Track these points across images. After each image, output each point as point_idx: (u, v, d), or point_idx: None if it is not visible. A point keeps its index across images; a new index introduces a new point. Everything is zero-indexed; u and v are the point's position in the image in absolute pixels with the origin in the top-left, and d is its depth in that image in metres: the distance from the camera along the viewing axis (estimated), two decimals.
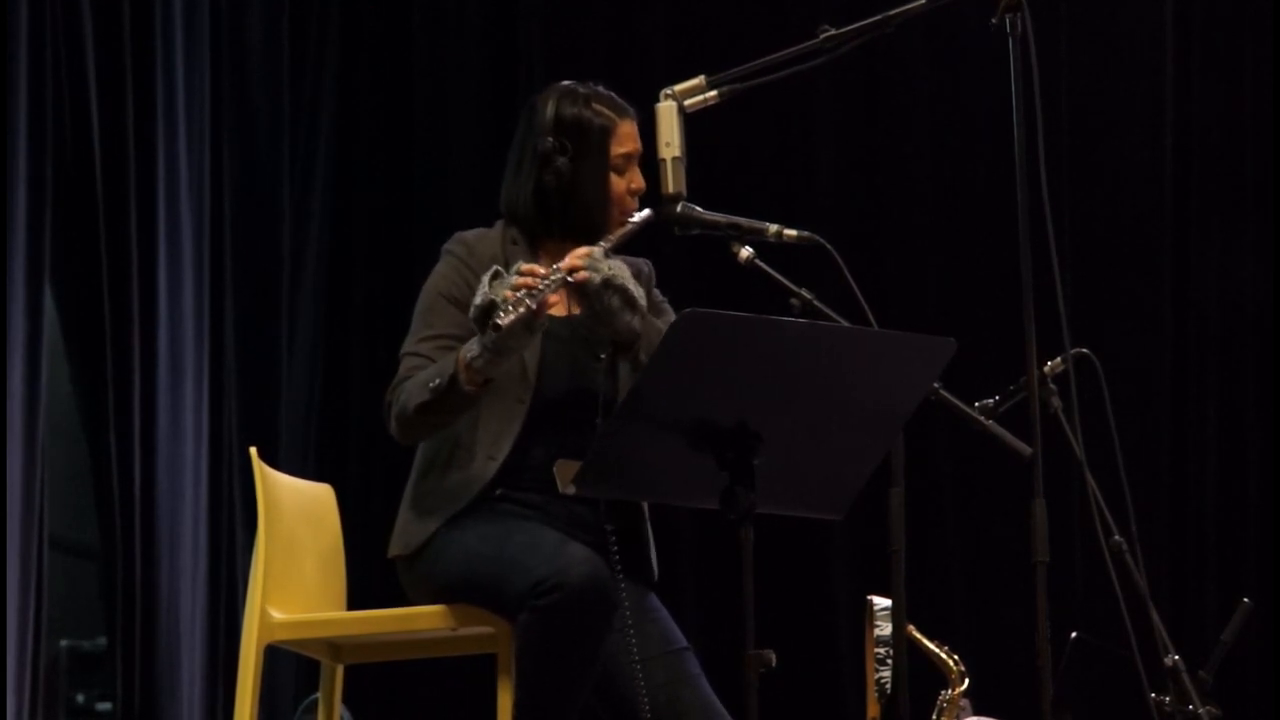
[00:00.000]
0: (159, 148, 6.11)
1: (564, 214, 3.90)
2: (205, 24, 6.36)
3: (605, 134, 3.91)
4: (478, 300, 3.62)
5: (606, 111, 3.92)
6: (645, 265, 4.02)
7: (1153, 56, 6.66)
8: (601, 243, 3.79)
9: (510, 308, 3.58)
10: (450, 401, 3.70)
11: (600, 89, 3.98)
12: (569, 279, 3.68)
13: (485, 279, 3.64)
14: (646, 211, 3.88)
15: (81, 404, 5.93)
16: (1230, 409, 6.54)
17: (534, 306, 3.61)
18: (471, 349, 3.66)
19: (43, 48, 5.74)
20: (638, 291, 3.72)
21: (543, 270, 3.67)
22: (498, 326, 3.57)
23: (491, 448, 3.80)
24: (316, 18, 6.82)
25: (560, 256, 3.80)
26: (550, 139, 3.88)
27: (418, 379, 3.76)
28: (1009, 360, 3.93)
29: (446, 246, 3.96)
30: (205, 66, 6.35)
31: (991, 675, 5.09)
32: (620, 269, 3.72)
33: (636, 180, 3.93)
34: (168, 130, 6.15)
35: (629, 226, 3.87)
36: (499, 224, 3.97)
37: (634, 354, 3.73)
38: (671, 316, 3.98)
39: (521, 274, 3.64)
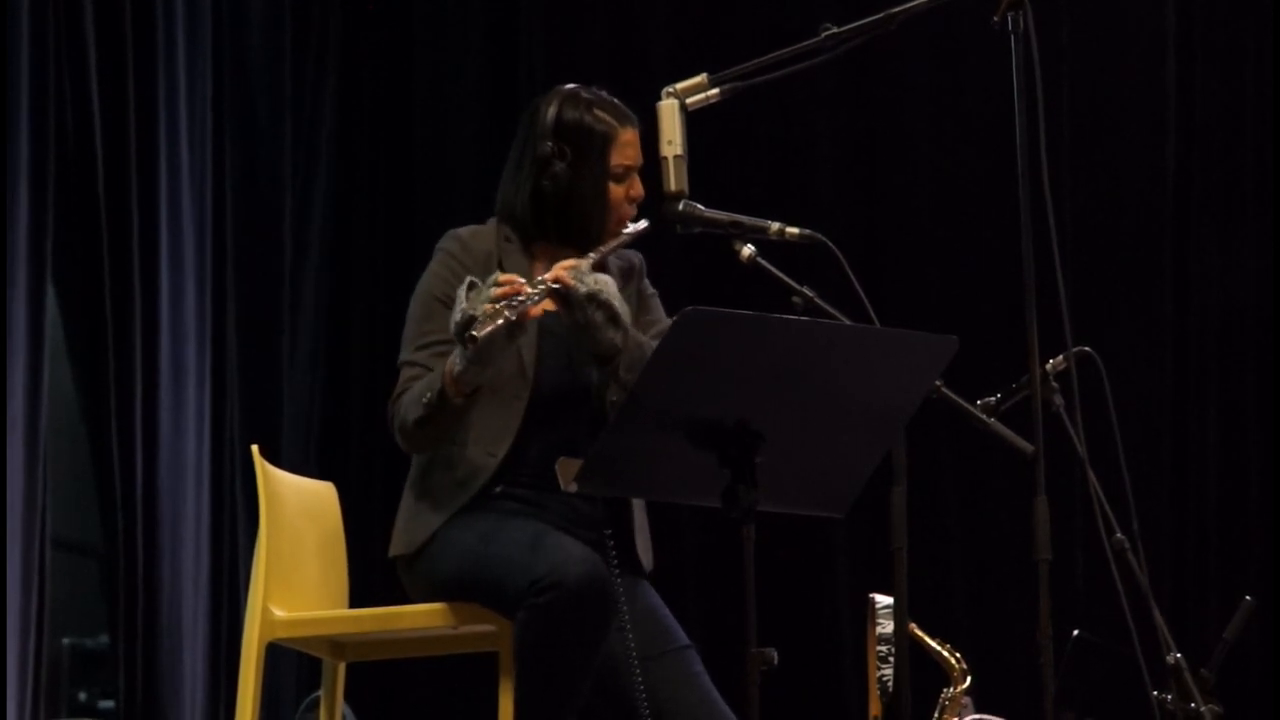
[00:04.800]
0: (160, 147, 6.11)
1: (560, 220, 3.89)
2: (206, 24, 6.36)
3: (606, 142, 3.90)
4: (456, 316, 3.61)
5: (608, 119, 3.91)
6: (637, 258, 4.02)
7: (1154, 55, 6.67)
8: (592, 254, 3.79)
9: (488, 320, 3.58)
10: (443, 414, 3.71)
11: (604, 94, 3.96)
12: (552, 287, 3.68)
13: (461, 292, 3.63)
14: (643, 223, 3.89)
15: (83, 403, 5.94)
16: (1231, 407, 6.55)
17: (513, 318, 3.60)
18: (456, 362, 3.66)
19: (45, 48, 5.75)
20: (622, 307, 3.72)
21: (521, 281, 3.66)
22: (474, 339, 3.57)
23: (491, 444, 3.80)
24: (317, 18, 6.82)
25: (553, 260, 3.79)
26: (550, 144, 3.88)
27: (413, 392, 3.76)
28: (1011, 358, 3.93)
29: (440, 244, 3.95)
30: (206, 66, 6.36)
31: (993, 673, 5.10)
32: (606, 284, 3.71)
33: (636, 188, 3.92)
34: (169, 130, 6.16)
35: (622, 238, 3.87)
36: (492, 220, 3.97)
37: (613, 368, 3.73)
38: (661, 310, 4.00)
39: (500, 284, 3.64)
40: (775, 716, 3.75)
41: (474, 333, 3.57)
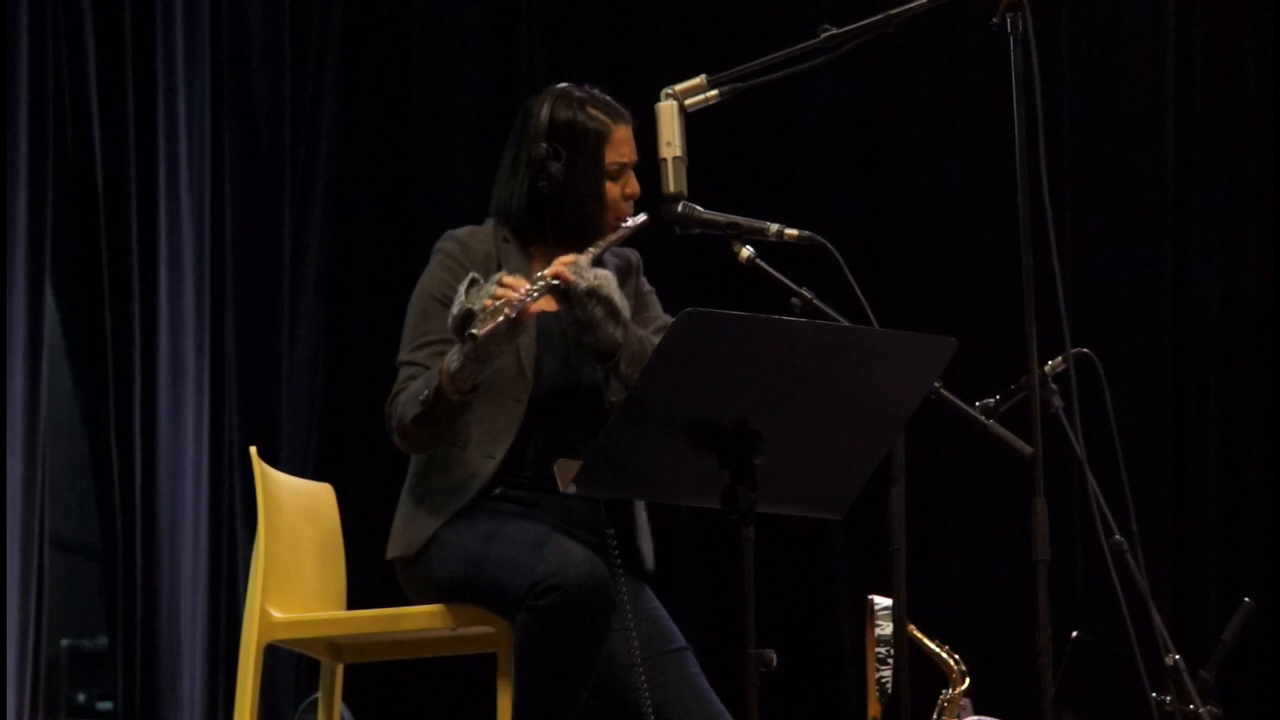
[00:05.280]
0: (159, 147, 6.11)
1: (557, 220, 3.89)
2: (205, 24, 6.36)
3: (600, 140, 3.89)
4: (455, 310, 3.61)
5: (601, 117, 3.91)
6: (634, 255, 4.02)
7: (1154, 56, 6.67)
8: (590, 249, 3.79)
9: (488, 317, 3.58)
10: (441, 412, 3.71)
11: (596, 92, 3.96)
12: (552, 283, 3.68)
13: (462, 288, 3.62)
14: (641, 217, 3.88)
15: (82, 403, 5.93)
16: (1230, 408, 6.55)
17: (513, 315, 3.60)
18: (453, 359, 3.65)
19: (43, 48, 5.75)
20: (622, 303, 3.72)
21: (525, 284, 3.66)
22: (474, 336, 3.57)
23: (490, 446, 3.80)
24: (317, 18, 6.82)
25: (551, 260, 3.78)
26: (544, 144, 3.87)
27: (410, 391, 3.76)
28: (1010, 359, 3.93)
29: (438, 245, 3.94)
30: (205, 66, 6.35)
31: (992, 674, 5.10)
32: (606, 279, 3.71)
33: (631, 186, 3.92)
34: (168, 130, 6.15)
35: (620, 232, 3.87)
36: (489, 221, 3.97)
37: (614, 364, 3.72)
38: (658, 306, 4.00)
39: (503, 284, 3.63)
40: (774, 718, 3.75)
41: (474, 330, 3.56)
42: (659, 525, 4.00)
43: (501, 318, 3.58)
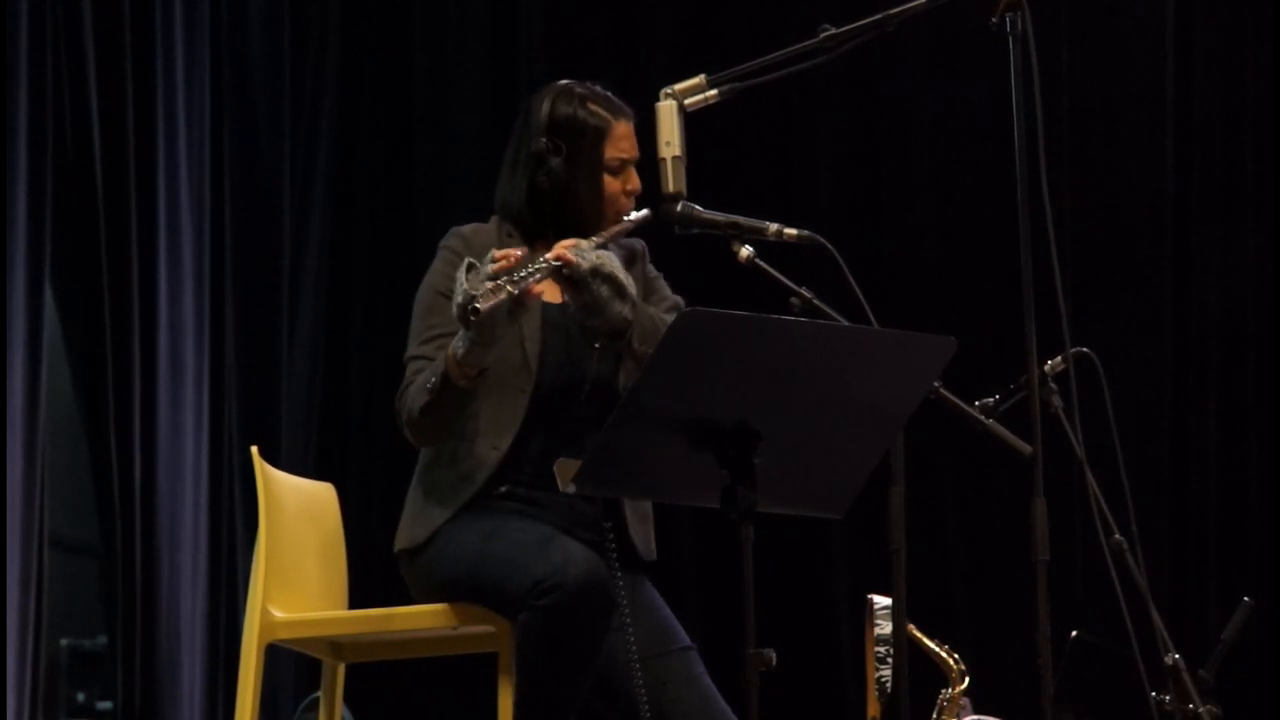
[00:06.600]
0: (159, 147, 6.11)
1: (556, 215, 3.90)
2: (205, 23, 6.36)
3: (599, 135, 3.91)
4: (458, 298, 3.61)
5: (601, 112, 3.92)
6: (639, 244, 4.03)
7: (1153, 56, 6.67)
8: (594, 238, 3.80)
9: (489, 296, 3.58)
10: (448, 399, 3.72)
11: (598, 89, 3.97)
12: (554, 265, 3.68)
13: (461, 274, 3.63)
14: (645, 211, 3.89)
15: (82, 403, 5.93)
16: (1230, 408, 6.54)
17: (514, 293, 3.61)
18: (458, 344, 3.67)
19: (43, 48, 5.74)
20: (627, 280, 3.72)
21: (518, 253, 3.66)
22: (476, 311, 3.57)
23: (495, 438, 3.81)
24: (317, 17, 6.82)
25: None
26: (544, 139, 3.89)
27: (418, 382, 3.77)
28: (1009, 359, 3.93)
29: (443, 242, 3.96)
30: (205, 66, 6.35)
31: (991, 674, 5.10)
32: (609, 258, 3.72)
33: (632, 181, 3.93)
34: (168, 129, 6.15)
35: (623, 224, 3.87)
36: (494, 219, 3.98)
37: (627, 342, 3.73)
38: (668, 289, 4.00)
39: (496, 260, 3.64)
40: (774, 717, 3.75)
41: (475, 306, 3.56)
42: (659, 524, 4.00)
43: (504, 295, 3.58)
